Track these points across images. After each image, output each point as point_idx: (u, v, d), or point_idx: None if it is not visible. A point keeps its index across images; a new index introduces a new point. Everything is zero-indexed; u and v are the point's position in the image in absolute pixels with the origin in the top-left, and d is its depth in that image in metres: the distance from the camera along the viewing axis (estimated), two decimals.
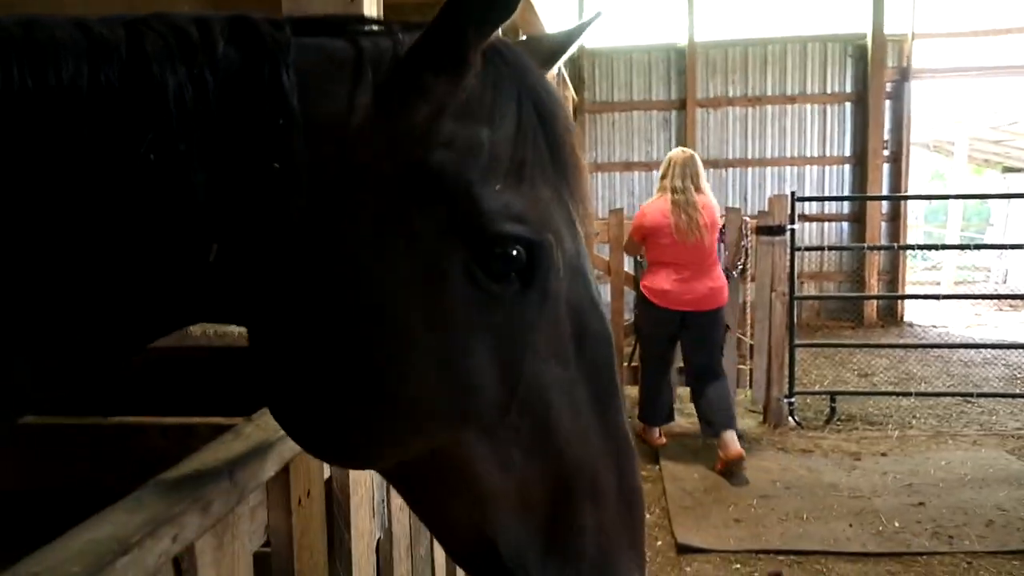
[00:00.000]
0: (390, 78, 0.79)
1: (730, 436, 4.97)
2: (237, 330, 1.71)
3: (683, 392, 5.99)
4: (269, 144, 0.75)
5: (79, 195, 0.70)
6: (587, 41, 11.93)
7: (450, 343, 0.79)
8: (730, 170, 11.85)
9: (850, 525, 4.36)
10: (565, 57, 1.07)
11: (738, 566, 3.94)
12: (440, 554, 1.92)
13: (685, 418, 5.97)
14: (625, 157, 12.02)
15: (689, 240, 5.01)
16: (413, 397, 0.79)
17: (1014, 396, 6.96)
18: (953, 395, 6.99)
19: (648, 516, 4.65)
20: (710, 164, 10.50)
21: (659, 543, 4.28)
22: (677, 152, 5.32)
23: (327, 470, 1.20)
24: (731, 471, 4.95)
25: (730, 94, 11.80)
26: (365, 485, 1.34)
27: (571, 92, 9.89)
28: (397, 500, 1.57)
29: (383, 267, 0.78)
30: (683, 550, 4.14)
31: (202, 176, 0.72)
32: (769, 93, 11.71)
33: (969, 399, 6.91)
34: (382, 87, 0.79)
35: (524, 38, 1.12)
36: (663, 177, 5.23)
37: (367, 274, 0.78)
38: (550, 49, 1.04)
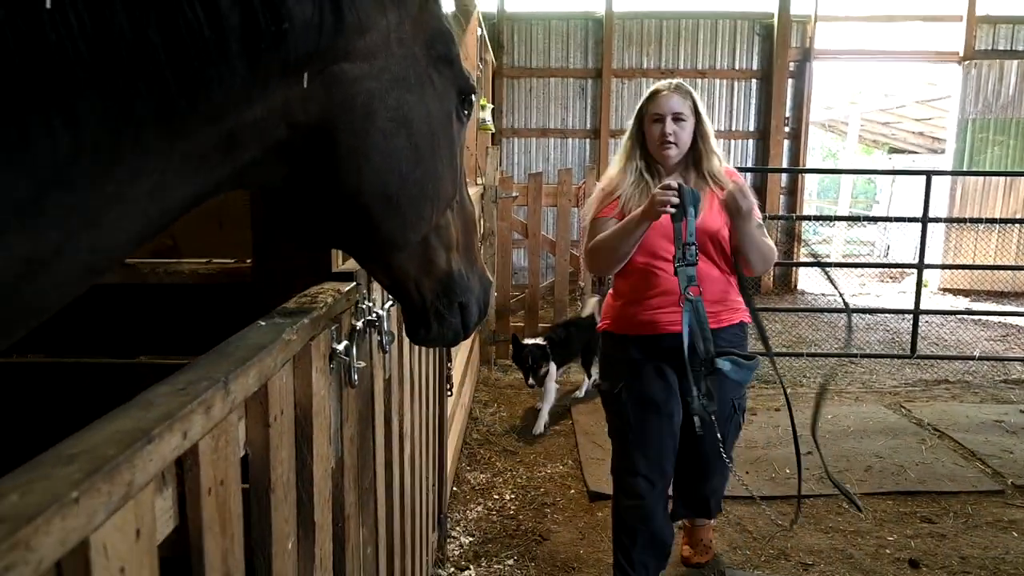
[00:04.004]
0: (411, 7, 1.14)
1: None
2: (187, 268, 1.71)
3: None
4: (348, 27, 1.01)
5: None
6: (507, 5, 11.92)
7: (452, 152, 1.29)
8: None
9: (747, 473, 4.71)
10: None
11: None
12: (381, 485, 2.01)
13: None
14: (541, 123, 12.09)
15: None
16: (441, 187, 1.26)
17: (891, 357, 7.60)
18: (839, 356, 7.56)
19: (562, 467, 4.89)
20: (622, 133, 10.73)
21: (572, 491, 4.50)
22: None
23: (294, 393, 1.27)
24: None
25: (644, 66, 12.02)
26: (324, 413, 1.41)
27: (490, 56, 9.87)
28: (348, 432, 1.64)
29: (425, 108, 1.18)
30: (595, 497, 4.37)
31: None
32: (681, 66, 12.02)
33: (853, 360, 7.49)
34: (407, 12, 1.14)
35: None
36: None
37: (417, 111, 1.16)
38: None
